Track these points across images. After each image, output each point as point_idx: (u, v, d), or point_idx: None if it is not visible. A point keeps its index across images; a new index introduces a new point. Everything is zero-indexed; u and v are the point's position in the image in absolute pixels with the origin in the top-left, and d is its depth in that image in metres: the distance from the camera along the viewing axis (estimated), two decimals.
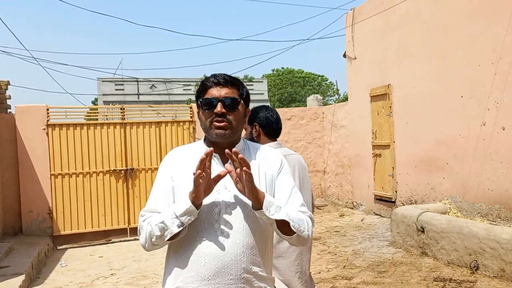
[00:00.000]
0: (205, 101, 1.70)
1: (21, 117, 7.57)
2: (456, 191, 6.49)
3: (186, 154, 1.76)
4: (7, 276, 5.19)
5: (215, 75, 1.73)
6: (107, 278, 5.69)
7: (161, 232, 1.57)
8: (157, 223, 1.58)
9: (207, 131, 1.72)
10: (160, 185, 1.72)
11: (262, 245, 1.69)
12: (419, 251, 5.68)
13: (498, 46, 5.75)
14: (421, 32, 7.14)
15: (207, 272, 1.58)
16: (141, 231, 1.65)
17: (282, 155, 1.85)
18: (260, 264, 1.67)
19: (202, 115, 1.73)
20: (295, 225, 1.60)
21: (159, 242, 1.61)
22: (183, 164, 1.72)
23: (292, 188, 1.75)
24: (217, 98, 1.68)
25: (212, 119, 1.68)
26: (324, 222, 8.27)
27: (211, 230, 1.62)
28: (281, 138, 10.66)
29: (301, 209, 1.70)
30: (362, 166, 8.93)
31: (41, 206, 7.56)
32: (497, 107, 5.80)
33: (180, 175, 1.70)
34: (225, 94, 1.69)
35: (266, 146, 1.87)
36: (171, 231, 1.56)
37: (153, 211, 1.67)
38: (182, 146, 1.84)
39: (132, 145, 8.13)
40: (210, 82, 1.72)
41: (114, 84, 27.06)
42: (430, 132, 6.99)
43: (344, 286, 4.82)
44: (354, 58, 9.08)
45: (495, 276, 4.58)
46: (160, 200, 1.69)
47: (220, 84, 1.70)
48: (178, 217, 1.55)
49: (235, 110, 1.70)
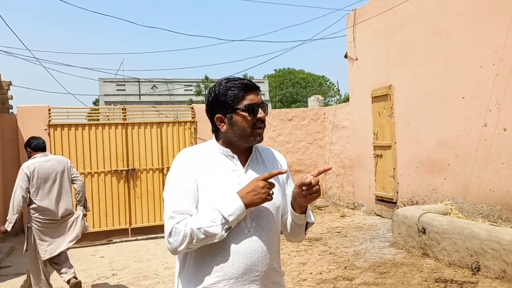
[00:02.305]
0: (249, 107, 1.68)
1: (23, 117, 7.59)
2: (458, 192, 6.48)
3: (202, 156, 1.74)
4: (8, 276, 5.20)
5: (236, 78, 1.73)
6: (109, 278, 5.70)
7: (206, 236, 1.55)
8: (202, 227, 1.55)
9: (245, 137, 1.70)
10: (185, 187, 1.66)
11: (278, 241, 1.78)
12: (420, 252, 5.68)
13: (500, 47, 5.75)
14: (422, 33, 7.14)
15: (236, 270, 1.60)
16: (175, 234, 1.58)
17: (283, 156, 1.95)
18: (277, 260, 1.77)
19: (241, 121, 1.68)
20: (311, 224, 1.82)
21: (197, 246, 1.59)
22: (202, 165, 1.70)
23: None
24: (258, 103, 1.70)
25: (255, 124, 1.69)
26: (325, 223, 8.27)
27: (238, 229, 1.63)
28: (283, 139, 10.58)
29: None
30: (363, 167, 8.93)
31: None
32: (498, 108, 5.80)
33: (202, 177, 1.67)
34: (262, 100, 1.74)
35: (269, 147, 1.94)
36: (222, 236, 1.56)
37: (184, 212, 1.62)
38: (192, 147, 1.81)
39: (133, 146, 8.13)
40: (242, 85, 1.70)
41: (115, 84, 27.10)
42: (432, 133, 6.99)
43: (345, 287, 4.82)
44: (355, 58, 9.08)
45: (496, 277, 4.57)
46: (188, 201, 1.64)
47: (253, 89, 1.72)
48: (229, 221, 1.56)
49: (267, 114, 1.76)
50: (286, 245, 6.69)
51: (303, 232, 1.80)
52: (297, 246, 6.66)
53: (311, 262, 5.85)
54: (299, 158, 10.23)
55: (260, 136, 1.72)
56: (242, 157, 1.75)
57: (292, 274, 5.38)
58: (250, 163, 1.75)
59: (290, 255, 6.23)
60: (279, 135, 10.10)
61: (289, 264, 5.80)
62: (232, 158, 1.73)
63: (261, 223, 1.68)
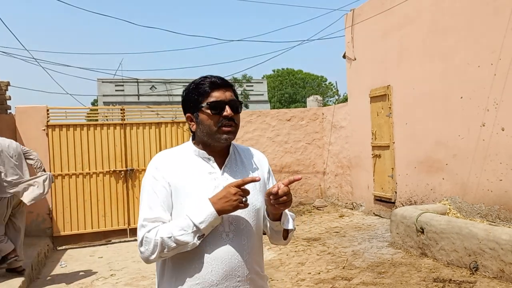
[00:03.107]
0: (212, 104, 1.61)
1: (21, 118, 7.57)
2: (456, 192, 6.49)
3: (178, 159, 1.67)
4: (7, 276, 5.20)
5: (208, 77, 1.66)
6: (107, 279, 5.70)
7: (178, 244, 1.49)
8: (173, 235, 1.49)
9: (212, 135, 1.63)
10: (157, 192, 1.61)
11: (260, 245, 1.71)
12: (419, 252, 5.68)
13: (498, 47, 5.76)
14: (420, 33, 7.15)
15: (215, 277, 1.54)
16: (146, 243, 1.52)
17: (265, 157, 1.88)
18: (259, 264, 1.69)
19: (206, 120, 1.63)
20: (293, 232, 1.75)
21: (170, 254, 1.53)
22: (177, 169, 1.64)
23: None
24: (224, 100, 1.62)
25: (221, 123, 1.62)
26: (323, 223, 8.27)
27: (216, 234, 1.57)
28: (281, 139, 10.61)
29: (289, 212, 1.76)
30: (361, 167, 8.93)
31: (40, 207, 7.55)
32: (496, 108, 5.81)
33: (177, 181, 1.61)
34: (231, 97, 1.65)
35: (251, 148, 1.87)
36: (194, 244, 1.50)
37: (156, 220, 1.56)
38: (168, 150, 1.74)
39: (132, 146, 8.13)
40: (210, 84, 1.64)
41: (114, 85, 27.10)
42: (430, 133, 7.00)
43: (343, 287, 4.82)
44: (353, 59, 9.09)
45: (494, 276, 4.58)
46: (159, 208, 1.59)
47: (222, 86, 1.65)
48: (201, 229, 1.49)
49: (239, 112, 1.67)
50: (285, 246, 6.69)
51: (281, 238, 1.73)
52: (295, 246, 6.66)
53: (310, 262, 5.85)
54: (298, 158, 10.23)
55: (227, 135, 1.63)
56: (219, 158, 1.68)
57: (291, 274, 5.38)
58: (227, 164, 1.68)
59: (289, 255, 6.24)
60: (278, 135, 10.11)
61: (288, 264, 5.81)
62: (208, 160, 1.66)
63: (240, 227, 1.61)
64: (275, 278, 5.29)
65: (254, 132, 9.97)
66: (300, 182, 10.25)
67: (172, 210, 1.60)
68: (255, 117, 10.04)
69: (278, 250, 6.51)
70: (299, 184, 10.24)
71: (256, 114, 10.12)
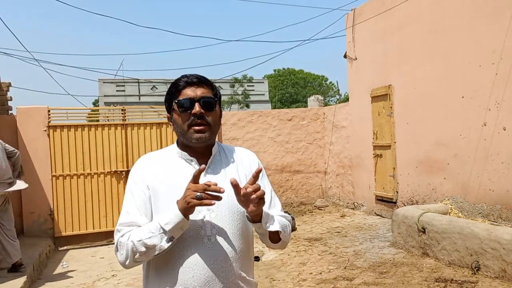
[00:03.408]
0: (180, 102, 1.57)
1: (22, 119, 7.58)
2: (457, 191, 6.48)
3: (160, 161, 1.64)
4: (8, 277, 5.20)
5: (186, 75, 1.62)
6: (108, 279, 5.70)
7: (147, 248, 1.45)
8: (142, 239, 1.45)
9: (184, 135, 1.59)
10: (135, 196, 1.58)
11: (248, 249, 1.63)
12: (420, 252, 5.68)
13: (499, 46, 5.75)
14: (421, 33, 7.14)
15: (197, 282, 1.49)
16: (120, 247, 1.51)
17: (256, 156, 1.79)
18: (247, 269, 1.61)
19: (177, 118, 1.60)
20: (284, 234, 1.61)
21: (143, 259, 1.50)
22: (158, 171, 1.60)
23: (271, 192, 1.71)
24: (193, 98, 1.57)
25: (191, 121, 1.57)
26: (325, 223, 8.27)
27: (197, 238, 1.51)
28: (282, 139, 10.59)
29: (281, 213, 1.68)
30: (363, 166, 8.93)
31: (42, 207, 7.57)
32: (498, 108, 5.80)
33: (157, 184, 1.57)
34: (202, 94, 1.59)
35: (240, 147, 1.80)
36: (161, 247, 1.44)
37: (131, 224, 1.53)
38: (153, 152, 1.71)
39: (133, 146, 8.13)
40: (183, 82, 1.60)
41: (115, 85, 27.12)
42: (431, 132, 6.99)
43: (345, 287, 4.82)
44: (354, 58, 9.08)
45: (496, 276, 4.57)
46: (136, 212, 1.55)
47: (194, 84, 1.60)
48: (168, 231, 1.43)
49: (213, 110, 1.60)
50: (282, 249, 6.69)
51: (268, 241, 1.63)
52: (297, 246, 6.66)
53: (311, 262, 5.84)
54: (299, 158, 10.23)
55: (198, 134, 1.56)
56: (203, 159, 1.62)
57: (292, 274, 5.38)
58: (210, 165, 1.62)
59: (290, 255, 6.23)
60: (279, 135, 10.10)
61: (289, 264, 5.80)
62: (191, 162, 1.61)
63: (223, 230, 1.54)
64: (276, 278, 5.29)
65: (255, 132, 9.97)
66: (302, 182, 10.25)
67: (153, 214, 1.55)
68: (256, 117, 10.04)
69: (279, 250, 6.50)
70: (300, 184, 10.23)
71: (257, 114, 10.12)
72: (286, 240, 1.64)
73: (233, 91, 28.52)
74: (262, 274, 5.46)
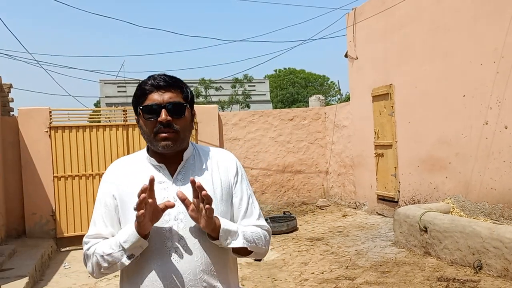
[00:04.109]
0: (146, 109, 1.46)
1: (24, 120, 7.59)
2: (459, 190, 6.47)
3: (128, 167, 1.55)
4: (10, 278, 5.21)
5: (153, 76, 1.49)
6: (110, 280, 5.70)
7: (109, 264, 1.41)
8: (104, 255, 1.41)
9: (151, 142, 1.49)
10: (101, 206, 1.52)
11: (223, 259, 1.51)
12: (422, 251, 5.67)
13: (500, 44, 5.74)
14: (422, 32, 7.13)
15: None
16: (87, 259, 1.48)
17: (236, 158, 1.67)
18: (226, 281, 1.51)
19: (143, 125, 1.49)
20: (252, 245, 1.49)
21: (108, 272, 1.46)
22: (125, 179, 1.51)
23: (249, 198, 1.59)
24: (160, 104, 1.45)
25: (157, 129, 1.45)
26: (327, 223, 8.27)
27: (163, 250, 1.43)
28: (284, 139, 10.56)
29: (258, 222, 1.57)
30: (364, 166, 8.92)
31: (44, 208, 7.58)
32: (499, 106, 5.79)
33: (123, 192, 1.49)
34: (169, 99, 1.46)
35: (219, 149, 1.68)
36: (122, 264, 1.39)
37: (97, 236, 1.49)
38: (125, 157, 1.62)
39: (134, 147, 8.14)
40: (149, 85, 1.47)
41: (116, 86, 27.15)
42: (433, 131, 6.98)
43: (347, 286, 4.81)
44: (355, 58, 9.07)
45: (498, 275, 4.56)
46: (101, 223, 1.50)
47: (161, 88, 1.47)
48: (127, 250, 1.37)
49: (181, 117, 1.48)
50: (288, 245, 6.69)
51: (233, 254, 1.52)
52: (298, 246, 6.66)
53: (313, 262, 5.84)
54: (300, 158, 10.23)
55: (165, 142, 1.45)
56: (173, 165, 1.52)
57: (294, 274, 5.38)
58: (181, 171, 1.52)
59: (292, 255, 6.23)
60: (280, 135, 10.10)
61: (291, 264, 5.80)
62: (160, 168, 1.51)
63: (192, 242, 1.44)
64: (278, 278, 5.28)
65: (257, 132, 9.97)
66: (303, 181, 10.25)
67: (121, 224, 1.49)
68: (257, 117, 10.04)
69: (281, 250, 6.50)
70: (302, 184, 10.23)
71: (258, 114, 10.12)
72: (259, 251, 1.53)
73: (234, 91, 28.54)
74: (264, 274, 5.46)
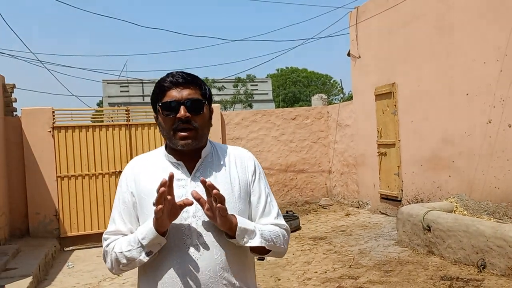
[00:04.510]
0: (165, 105, 1.47)
1: (27, 120, 7.61)
2: (463, 189, 6.45)
3: (147, 165, 1.56)
4: (14, 277, 5.22)
5: (172, 73, 1.50)
6: (114, 280, 5.71)
7: (128, 260, 1.43)
8: (123, 251, 1.43)
9: (170, 140, 1.50)
10: (120, 203, 1.53)
11: (242, 258, 1.52)
12: (426, 250, 5.66)
13: (503, 43, 5.72)
14: (425, 30, 7.11)
15: None
16: (106, 256, 1.50)
17: (254, 156, 1.67)
18: (244, 278, 1.51)
19: (162, 122, 1.50)
20: (270, 244, 1.50)
21: (127, 268, 1.48)
22: (144, 176, 1.53)
23: (267, 197, 1.60)
24: (178, 100, 1.46)
25: (176, 126, 1.47)
26: (330, 222, 8.26)
27: (182, 247, 1.43)
28: (286, 138, 10.56)
29: (276, 221, 1.58)
30: (367, 165, 8.91)
31: (47, 208, 7.61)
32: (503, 104, 5.77)
33: (141, 190, 1.51)
34: (188, 96, 1.47)
35: (237, 147, 1.68)
36: (140, 260, 1.41)
37: (116, 233, 1.50)
38: (143, 155, 1.63)
39: (137, 147, 8.15)
40: (168, 82, 1.49)
41: (119, 85, 27.21)
42: (436, 130, 6.96)
43: (350, 285, 4.81)
44: (358, 57, 9.06)
45: (502, 274, 4.55)
46: (120, 220, 1.52)
47: (180, 85, 1.48)
48: (145, 246, 1.39)
49: (200, 113, 1.49)
50: (291, 244, 6.69)
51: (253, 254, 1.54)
52: (301, 245, 6.66)
53: (316, 261, 5.84)
54: (303, 157, 10.22)
55: (184, 140, 1.46)
56: (191, 162, 1.52)
57: (297, 273, 5.38)
58: (199, 169, 1.52)
59: (295, 254, 6.23)
60: (283, 134, 10.10)
61: (294, 263, 5.80)
62: (178, 165, 1.52)
63: (211, 239, 1.44)
64: (281, 277, 5.28)
65: (259, 132, 9.96)
66: (306, 181, 10.25)
67: (139, 221, 1.51)
68: (260, 116, 10.03)
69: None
70: (305, 183, 10.23)
71: (260, 114, 10.12)
72: (278, 250, 1.54)
73: (236, 90, 28.55)
74: (267, 273, 5.46)
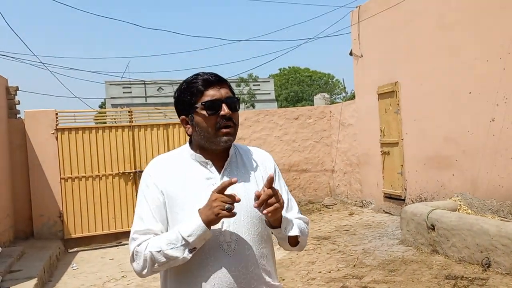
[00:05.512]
0: (208, 104, 1.47)
1: (31, 122, 7.64)
2: (466, 188, 6.44)
3: (173, 164, 1.56)
4: (19, 279, 5.25)
5: (200, 74, 1.53)
6: (118, 280, 5.73)
7: (168, 259, 1.40)
8: (162, 250, 1.40)
9: (210, 138, 1.50)
10: (149, 201, 1.51)
11: (269, 253, 1.59)
12: (430, 249, 5.64)
13: (506, 41, 5.70)
14: (427, 29, 7.09)
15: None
16: (137, 257, 1.45)
17: (271, 156, 1.73)
18: (270, 273, 1.57)
19: (202, 121, 1.49)
20: (303, 237, 1.58)
21: (162, 269, 1.47)
22: (172, 175, 1.53)
23: (287, 194, 1.67)
24: (220, 99, 1.49)
25: (220, 124, 1.48)
26: (333, 221, 8.25)
27: (216, 244, 1.46)
28: (289, 138, 10.57)
29: (298, 215, 1.65)
30: (370, 164, 8.89)
31: (51, 210, 7.63)
32: (506, 103, 5.75)
33: (172, 189, 1.51)
34: (226, 94, 1.51)
35: (255, 147, 1.73)
36: (184, 258, 1.40)
37: (147, 232, 1.48)
38: (164, 155, 1.63)
39: (140, 148, 8.17)
40: (202, 81, 1.50)
41: (121, 87, 27.26)
42: (439, 129, 6.95)
43: (354, 285, 4.80)
44: (360, 56, 9.04)
45: (507, 273, 4.53)
46: (151, 218, 1.49)
47: (216, 84, 1.51)
48: (191, 243, 1.38)
49: (237, 111, 1.55)
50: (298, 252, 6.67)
51: (287, 244, 1.59)
52: None
53: (320, 260, 5.84)
54: (306, 156, 10.21)
55: (227, 137, 1.49)
56: (219, 162, 1.55)
57: (301, 273, 5.37)
58: (227, 168, 1.55)
59: (299, 254, 6.22)
60: (286, 134, 10.09)
61: (298, 263, 5.80)
62: (206, 164, 1.54)
63: (243, 236, 1.48)
64: (285, 277, 5.28)
65: (262, 132, 9.96)
66: (309, 180, 10.24)
67: (168, 220, 1.50)
68: (263, 116, 10.03)
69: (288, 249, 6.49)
70: (308, 183, 10.22)
71: (263, 113, 10.12)
72: (304, 243, 1.63)
73: (239, 90, 28.56)
74: None
